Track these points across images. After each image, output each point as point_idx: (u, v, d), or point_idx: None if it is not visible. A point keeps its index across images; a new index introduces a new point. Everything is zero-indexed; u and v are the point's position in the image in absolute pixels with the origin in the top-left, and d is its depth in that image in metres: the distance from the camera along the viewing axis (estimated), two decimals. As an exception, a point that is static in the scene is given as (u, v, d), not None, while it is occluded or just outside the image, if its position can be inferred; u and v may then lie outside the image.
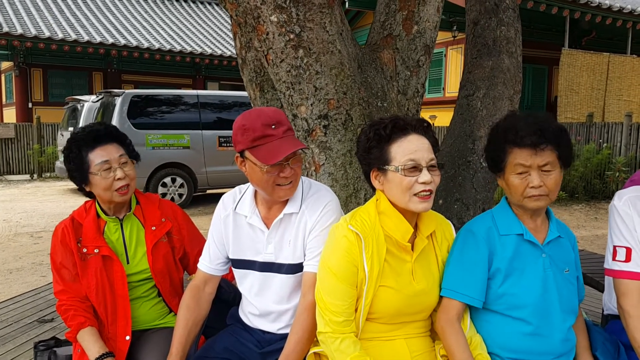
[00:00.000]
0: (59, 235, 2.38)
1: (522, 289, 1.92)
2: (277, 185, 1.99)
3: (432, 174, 1.83)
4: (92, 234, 2.36)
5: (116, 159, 2.33)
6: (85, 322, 2.28)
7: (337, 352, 1.82)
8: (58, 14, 20.79)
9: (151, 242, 2.40)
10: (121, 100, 9.66)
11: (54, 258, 2.37)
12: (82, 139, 2.33)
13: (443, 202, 3.13)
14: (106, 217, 2.42)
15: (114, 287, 2.35)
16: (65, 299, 2.33)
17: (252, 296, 2.18)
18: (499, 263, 1.94)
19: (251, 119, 1.97)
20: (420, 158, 1.82)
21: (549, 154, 1.86)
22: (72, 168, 2.34)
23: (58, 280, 2.37)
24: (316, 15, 2.51)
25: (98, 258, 2.34)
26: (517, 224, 1.96)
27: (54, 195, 12.08)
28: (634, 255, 2.01)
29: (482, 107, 3.23)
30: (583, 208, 10.05)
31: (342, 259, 1.86)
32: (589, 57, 13.61)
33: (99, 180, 2.30)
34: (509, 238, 1.95)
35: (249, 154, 1.97)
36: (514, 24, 3.33)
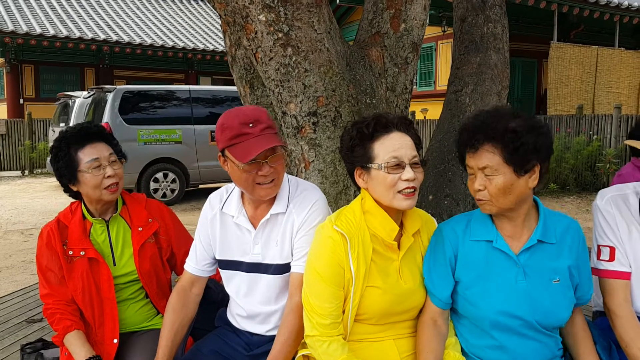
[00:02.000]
0: (44, 238, 2.36)
1: (485, 301, 1.85)
2: (257, 184, 1.98)
3: (416, 171, 1.83)
4: (77, 235, 2.34)
5: (106, 157, 2.32)
6: (72, 326, 2.26)
7: (325, 356, 1.82)
8: (49, 10, 20.67)
9: (138, 243, 2.39)
10: (113, 96, 9.64)
11: (40, 261, 2.36)
12: (71, 137, 2.32)
13: (433, 198, 3.17)
14: (92, 219, 2.40)
15: (100, 289, 2.34)
16: (51, 303, 2.32)
17: (239, 297, 2.17)
18: (462, 270, 1.89)
19: (230, 118, 1.97)
20: (403, 155, 1.82)
21: (488, 156, 1.75)
22: (61, 166, 2.32)
23: (44, 283, 2.35)
24: (304, 14, 2.54)
25: (84, 260, 2.32)
26: (491, 228, 1.88)
27: (45, 192, 12.05)
28: (617, 255, 2.01)
29: (471, 103, 3.27)
30: (574, 200, 10.13)
31: (328, 261, 1.85)
32: (577, 50, 13.68)
33: (89, 178, 2.29)
34: (479, 245, 1.89)
35: (228, 153, 1.97)
36: (500, 21, 3.37)
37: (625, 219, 2.04)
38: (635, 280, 2.01)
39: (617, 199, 2.08)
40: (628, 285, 2.00)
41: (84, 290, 2.31)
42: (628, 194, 2.09)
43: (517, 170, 1.74)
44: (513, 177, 1.75)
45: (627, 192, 2.10)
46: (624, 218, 2.04)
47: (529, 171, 1.76)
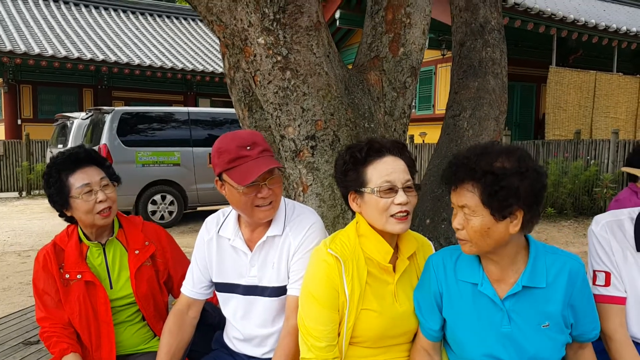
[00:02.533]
0: (40, 261, 2.35)
1: (470, 343, 1.83)
2: (256, 206, 1.99)
3: (409, 194, 1.84)
4: (74, 259, 2.34)
5: (97, 182, 2.31)
6: (68, 349, 2.25)
7: None
8: (48, 30, 20.78)
9: (134, 267, 2.39)
10: (111, 118, 9.63)
11: (36, 284, 2.35)
12: (61, 163, 2.32)
13: (430, 222, 3.15)
14: (88, 242, 2.39)
15: (97, 312, 2.33)
16: (48, 326, 2.30)
17: (236, 320, 2.17)
18: (449, 308, 1.86)
19: (226, 142, 1.98)
20: (395, 179, 1.83)
21: (467, 196, 1.67)
22: (53, 193, 2.32)
23: (40, 306, 2.34)
24: (303, 37, 2.54)
25: (81, 284, 2.31)
26: (477, 270, 1.81)
27: (43, 213, 11.99)
28: (613, 280, 2.04)
29: (469, 127, 3.26)
30: (571, 224, 10.10)
31: (323, 284, 1.85)
32: (576, 75, 13.75)
33: (80, 204, 2.28)
34: (465, 285, 1.83)
35: (226, 176, 1.98)
36: (499, 46, 3.38)
37: (620, 244, 2.06)
38: (630, 305, 2.03)
39: (613, 225, 2.09)
40: (623, 310, 2.02)
41: (81, 314, 2.30)
42: (623, 220, 2.10)
43: (495, 214, 1.64)
44: (491, 221, 1.65)
45: (622, 217, 2.11)
46: (619, 243, 2.06)
47: (507, 216, 1.66)
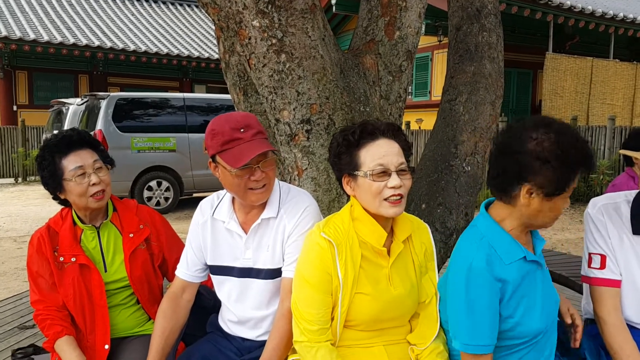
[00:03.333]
0: (34, 244, 2.35)
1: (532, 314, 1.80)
2: (249, 189, 1.98)
3: (402, 178, 1.82)
4: (68, 242, 2.33)
5: (90, 164, 2.30)
6: (62, 332, 2.25)
7: None
8: (43, 16, 20.64)
9: (129, 250, 2.38)
10: (106, 103, 9.60)
11: (31, 267, 2.34)
12: (54, 146, 2.30)
13: (426, 207, 3.14)
14: (83, 225, 2.38)
15: (92, 295, 2.32)
16: (42, 309, 2.30)
17: (230, 303, 2.17)
18: (508, 295, 1.77)
19: (220, 123, 1.98)
20: (388, 162, 1.81)
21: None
22: (46, 175, 2.31)
23: (34, 289, 2.34)
24: (298, 20, 2.52)
25: (75, 267, 2.31)
26: (517, 246, 1.80)
27: (39, 199, 11.97)
28: (608, 263, 2.04)
29: (465, 112, 3.25)
30: (567, 211, 10.13)
31: (316, 268, 1.85)
32: (572, 61, 13.73)
33: (74, 187, 2.27)
34: (513, 265, 1.78)
35: (219, 159, 1.97)
36: (495, 30, 3.36)
37: (616, 227, 2.06)
38: (625, 289, 2.02)
39: (609, 208, 2.10)
40: (618, 293, 2.02)
41: (75, 297, 2.30)
42: (620, 203, 2.10)
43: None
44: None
45: (619, 200, 2.11)
46: (615, 226, 2.06)
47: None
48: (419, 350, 1.93)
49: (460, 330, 1.76)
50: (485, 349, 1.74)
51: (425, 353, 1.91)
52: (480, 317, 1.73)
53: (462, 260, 1.79)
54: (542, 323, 1.81)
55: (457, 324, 1.78)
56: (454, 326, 1.80)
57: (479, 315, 1.73)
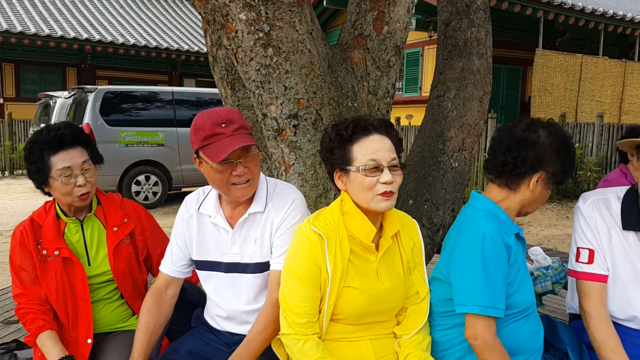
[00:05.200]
0: (17, 237, 2.33)
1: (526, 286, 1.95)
2: (232, 184, 1.98)
3: (394, 173, 1.84)
4: (51, 235, 2.31)
5: (78, 165, 2.27)
6: (45, 326, 2.23)
7: (300, 354, 1.83)
8: (31, 8, 20.45)
9: (112, 244, 2.36)
10: (94, 97, 9.51)
11: (13, 260, 2.32)
12: (44, 142, 2.26)
13: (413, 202, 3.14)
14: (66, 218, 2.36)
15: (74, 289, 2.31)
16: (24, 302, 2.28)
17: (218, 298, 2.16)
18: (512, 261, 1.91)
19: (202, 119, 1.98)
20: (381, 158, 1.83)
21: None
22: (32, 170, 2.28)
23: (17, 283, 2.32)
24: (285, 14, 2.50)
25: (58, 260, 2.29)
26: (513, 223, 1.97)
27: (26, 193, 11.87)
28: (596, 257, 2.05)
29: (453, 108, 3.24)
30: (555, 207, 10.18)
31: (305, 261, 1.86)
32: (562, 58, 13.79)
33: (59, 186, 2.25)
34: (512, 238, 1.94)
35: (202, 154, 1.97)
36: (484, 26, 3.35)
37: (606, 222, 2.08)
38: (610, 284, 2.04)
39: (599, 203, 2.11)
40: (604, 288, 2.05)
41: (58, 291, 2.28)
42: (610, 198, 2.12)
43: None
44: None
45: (610, 196, 2.13)
46: (605, 222, 2.08)
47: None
48: (404, 340, 1.95)
49: (478, 294, 1.82)
50: (500, 312, 1.83)
51: (411, 345, 1.93)
52: (496, 280, 1.83)
53: (474, 230, 1.89)
54: (530, 297, 1.96)
55: (473, 289, 1.83)
56: (470, 292, 1.84)
57: (496, 279, 1.83)
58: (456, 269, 1.91)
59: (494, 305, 1.81)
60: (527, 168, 1.90)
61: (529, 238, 7.58)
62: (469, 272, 1.86)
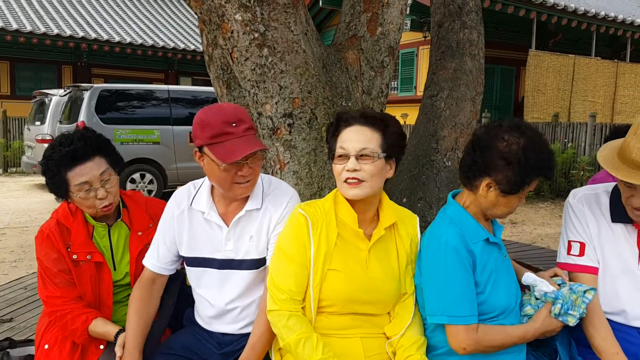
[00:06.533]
0: (45, 241, 2.25)
1: (498, 291, 1.95)
2: (235, 183, 1.99)
3: (362, 162, 1.88)
4: (82, 239, 2.26)
5: (97, 178, 2.20)
6: (89, 318, 2.19)
7: (285, 329, 1.87)
8: (27, 6, 20.40)
9: (137, 249, 2.32)
10: (89, 95, 9.53)
11: (46, 265, 2.24)
12: (59, 159, 2.18)
13: (407, 201, 3.18)
14: (94, 222, 2.32)
15: (101, 294, 2.28)
16: (60, 304, 2.21)
17: (210, 295, 2.15)
18: (479, 269, 1.93)
19: (211, 115, 1.95)
20: (349, 147, 1.90)
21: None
22: (51, 184, 2.23)
23: (50, 284, 2.23)
24: (281, 14, 2.54)
25: (91, 264, 2.26)
26: (480, 228, 1.98)
27: (20, 191, 11.87)
28: (587, 250, 2.09)
29: (446, 108, 3.29)
30: (548, 206, 10.25)
31: (291, 238, 1.95)
32: (555, 59, 13.87)
33: (79, 201, 2.21)
34: (478, 244, 1.95)
35: (208, 151, 1.96)
36: (476, 27, 3.40)
37: (595, 216, 2.13)
38: (601, 277, 2.08)
39: (589, 197, 2.17)
40: (595, 280, 2.08)
41: (92, 295, 2.26)
42: (599, 193, 2.17)
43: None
44: None
45: (598, 191, 2.19)
46: (595, 216, 2.13)
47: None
48: (396, 341, 1.96)
49: (445, 303, 1.87)
50: (470, 319, 1.86)
51: (405, 344, 1.94)
52: (461, 288, 1.87)
53: (436, 239, 1.94)
54: (506, 300, 1.96)
55: (440, 299, 1.88)
56: (437, 303, 1.89)
57: (460, 286, 1.87)
58: (424, 278, 1.96)
59: (460, 313, 1.85)
60: (475, 171, 1.92)
61: (523, 236, 7.64)
62: (434, 282, 1.91)
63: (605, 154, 2.00)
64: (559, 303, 1.91)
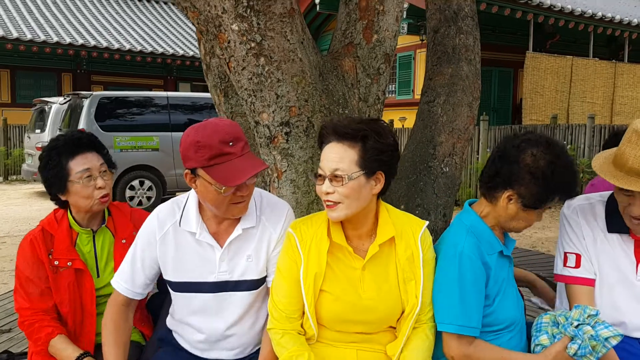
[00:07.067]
0: (27, 247, 2.28)
1: (506, 303, 1.95)
2: (232, 204, 1.90)
3: (335, 184, 1.80)
4: (65, 245, 2.28)
5: (97, 167, 2.29)
6: (54, 332, 2.19)
7: (278, 347, 1.88)
8: (27, 14, 20.44)
9: (121, 256, 2.27)
10: (89, 102, 9.57)
11: (22, 270, 2.27)
12: (62, 146, 2.27)
13: (404, 208, 3.19)
14: (79, 229, 2.34)
15: (83, 302, 2.28)
16: (28, 315, 2.23)
17: (202, 321, 2.03)
18: (491, 281, 1.92)
19: (207, 135, 1.82)
20: (324, 167, 1.84)
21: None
22: (50, 176, 2.26)
23: (23, 296, 2.25)
24: (277, 24, 2.55)
25: (71, 271, 2.26)
26: (496, 240, 1.97)
27: (20, 199, 11.88)
28: (583, 262, 2.08)
29: (443, 114, 3.30)
30: (548, 209, 10.24)
31: (284, 257, 1.95)
32: (553, 60, 13.89)
33: (80, 189, 2.24)
34: (494, 256, 1.95)
35: (204, 173, 1.84)
36: (472, 33, 3.41)
37: (590, 227, 2.11)
38: (598, 289, 2.07)
39: (584, 208, 2.15)
40: (592, 291, 2.08)
41: (70, 302, 2.26)
42: (594, 203, 2.15)
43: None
44: None
45: (593, 201, 2.16)
46: (590, 226, 2.11)
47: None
48: None
49: (454, 313, 1.85)
50: (475, 331, 1.86)
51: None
52: (472, 299, 1.86)
53: (453, 248, 1.92)
54: (513, 312, 1.97)
55: (449, 307, 1.87)
56: (445, 311, 1.88)
57: (471, 298, 1.86)
58: (434, 286, 1.94)
59: (469, 324, 1.84)
60: (498, 183, 1.90)
61: (522, 241, 7.64)
62: (445, 291, 1.89)
63: (600, 163, 2.00)
64: (576, 343, 1.78)
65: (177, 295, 2.05)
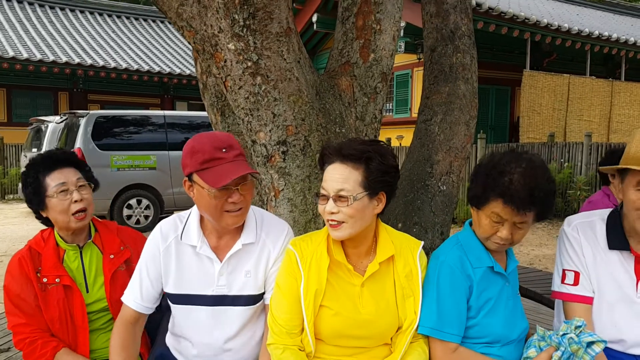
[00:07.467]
0: (15, 266, 2.29)
1: (493, 319, 1.96)
2: (225, 211, 1.93)
3: (339, 204, 1.84)
4: (52, 263, 2.30)
5: (73, 182, 2.31)
6: (59, 345, 2.22)
7: None
8: (23, 33, 20.51)
9: (109, 271, 2.34)
10: (85, 121, 9.55)
11: (11, 289, 2.27)
12: (39, 164, 2.32)
13: (402, 226, 3.17)
14: (65, 245, 2.36)
15: (74, 317, 2.29)
16: (29, 332, 2.23)
17: (200, 334, 2.06)
18: (474, 295, 1.96)
19: (201, 141, 1.92)
20: (328, 188, 1.87)
21: (529, 215, 1.87)
22: (29, 192, 2.31)
23: (17, 313, 2.26)
24: (273, 43, 2.55)
25: (59, 288, 2.27)
26: (487, 255, 1.99)
27: (17, 218, 11.83)
28: (581, 280, 2.07)
29: (440, 132, 3.29)
30: (545, 227, 10.23)
31: (284, 272, 1.96)
32: (550, 79, 13.94)
33: (56, 203, 2.27)
34: (480, 270, 1.97)
35: (197, 177, 1.90)
36: (469, 51, 3.42)
37: (590, 245, 2.10)
38: (597, 307, 2.06)
39: (584, 226, 2.14)
40: (590, 309, 2.07)
41: (60, 319, 2.27)
42: (594, 221, 2.15)
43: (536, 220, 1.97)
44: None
45: (594, 219, 2.16)
46: (590, 245, 2.10)
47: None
48: None
49: (431, 316, 1.92)
50: (453, 337, 1.91)
51: None
52: (449, 306, 1.92)
53: (436, 258, 2.02)
54: (504, 331, 1.97)
55: (428, 312, 1.93)
56: (424, 314, 1.94)
57: (448, 305, 1.92)
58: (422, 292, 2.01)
59: (442, 329, 1.90)
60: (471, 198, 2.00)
61: (520, 258, 7.62)
62: (425, 296, 1.96)
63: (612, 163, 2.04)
64: (560, 350, 1.82)
65: (176, 308, 2.09)
